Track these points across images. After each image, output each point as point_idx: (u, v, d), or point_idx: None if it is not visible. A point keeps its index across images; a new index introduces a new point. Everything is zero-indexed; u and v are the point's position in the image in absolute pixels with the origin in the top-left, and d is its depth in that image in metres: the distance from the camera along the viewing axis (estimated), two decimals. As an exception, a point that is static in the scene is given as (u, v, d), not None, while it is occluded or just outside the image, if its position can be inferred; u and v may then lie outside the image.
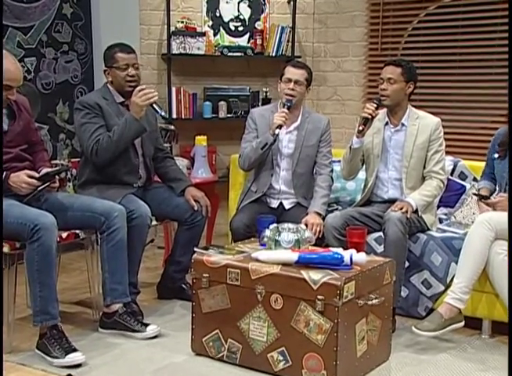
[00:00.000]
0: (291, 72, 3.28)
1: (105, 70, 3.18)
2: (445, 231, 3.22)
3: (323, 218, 3.18)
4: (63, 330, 2.66)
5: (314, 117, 3.39)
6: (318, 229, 3.10)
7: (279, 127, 3.19)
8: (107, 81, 3.20)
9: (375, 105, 3.11)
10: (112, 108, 3.14)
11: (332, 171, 3.41)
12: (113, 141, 3.02)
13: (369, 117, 3.09)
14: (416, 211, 3.07)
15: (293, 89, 3.26)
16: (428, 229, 3.17)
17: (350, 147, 3.19)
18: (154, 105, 3.09)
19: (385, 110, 3.24)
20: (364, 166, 3.35)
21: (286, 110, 3.24)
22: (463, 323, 2.83)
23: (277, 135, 3.20)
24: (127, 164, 3.16)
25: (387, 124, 3.25)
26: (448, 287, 2.96)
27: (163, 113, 3.13)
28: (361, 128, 3.11)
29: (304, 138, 3.33)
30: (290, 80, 3.27)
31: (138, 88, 3.04)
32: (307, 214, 3.22)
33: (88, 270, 3.15)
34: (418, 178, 3.21)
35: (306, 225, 3.13)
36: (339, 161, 3.45)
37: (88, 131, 3.05)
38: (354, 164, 3.27)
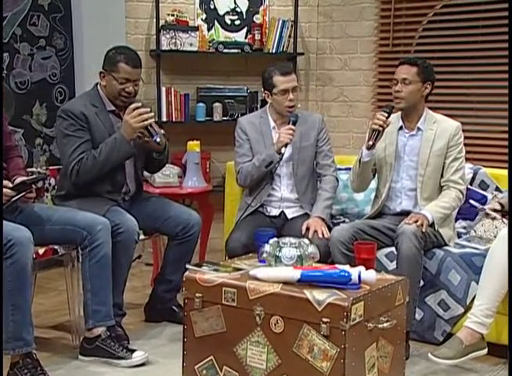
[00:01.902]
0: (284, 81, 3.29)
1: (101, 72, 3.15)
2: (464, 246, 3.23)
3: (328, 227, 3.20)
4: (37, 358, 2.67)
5: (306, 117, 3.43)
6: (322, 229, 3.13)
7: (286, 145, 3.23)
8: (99, 83, 3.19)
9: (386, 114, 3.13)
10: (101, 117, 3.13)
11: (335, 170, 3.46)
12: (99, 162, 3.02)
13: (380, 129, 3.11)
14: (432, 225, 3.09)
15: (293, 100, 3.30)
16: (445, 245, 3.19)
17: (359, 160, 3.22)
18: (149, 127, 3.04)
19: (399, 112, 3.27)
20: (377, 174, 3.38)
21: (292, 127, 3.28)
22: (485, 351, 2.83)
23: (283, 154, 3.25)
24: (111, 182, 3.17)
25: (401, 128, 3.28)
26: (468, 309, 2.97)
27: (158, 139, 3.05)
28: (371, 142, 3.13)
29: (299, 139, 3.37)
30: (286, 91, 3.29)
31: (133, 106, 3.01)
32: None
33: (67, 290, 3.16)
34: (434, 188, 3.22)
35: (307, 228, 3.16)
36: (346, 169, 3.47)
37: (71, 146, 3.05)
38: (364, 177, 3.29)
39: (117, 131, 3.07)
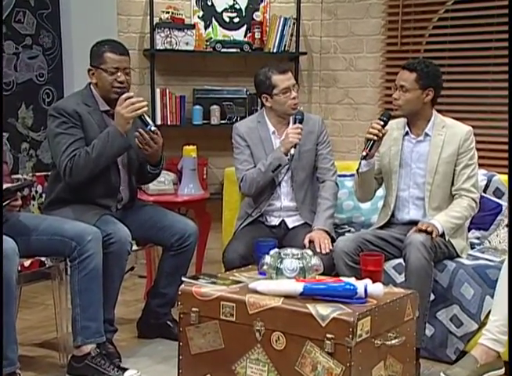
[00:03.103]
0: (284, 79, 3.32)
1: (89, 70, 3.18)
2: (477, 258, 3.23)
3: (332, 238, 3.21)
4: (22, 378, 2.67)
5: (307, 119, 3.44)
6: (326, 242, 3.14)
7: (295, 146, 3.24)
8: (91, 82, 3.21)
9: (382, 122, 3.13)
10: (94, 117, 3.15)
11: (335, 174, 3.46)
12: (92, 158, 3.02)
13: (375, 138, 3.12)
14: (442, 236, 3.09)
15: (295, 97, 3.32)
16: (458, 256, 3.19)
17: (357, 171, 3.23)
18: (142, 117, 3.08)
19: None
20: (383, 183, 3.39)
21: (300, 125, 3.29)
22: (502, 370, 2.83)
23: (293, 155, 3.25)
24: (105, 186, 3.17)
25: (407, 134, 3.29)
26: (482, 325, 2.97)
27: (153, 128, 3.10)
28: (365, 153, 3.14)
29: (300, 143, 3.37)
30: (288, 89, 3.31)
31: (124, 96, 3.04)
32: (311, 231, 3.26)
33: (54, 305, 3.16)
34: (444, 197, 3.23)
35: (310, 241, 3.16)
36: (351, 176, 3.48)
37: (63, 145, 3.06)
38: (367, 187, 3.31)
39: (110, 125, 3.08)
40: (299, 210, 3.41)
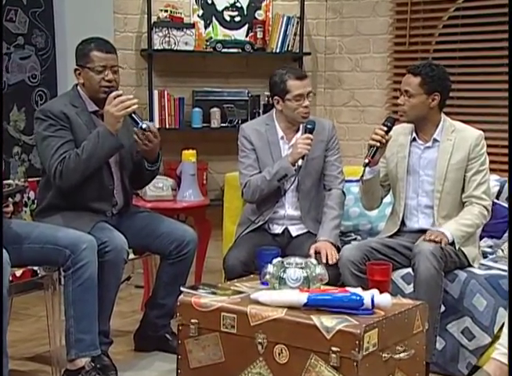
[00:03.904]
0: (300, 86, 3.30)
1: (76, 70, 3.20)
2: (490, 268, 3.23)
3: (338, 248, 3.21)
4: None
5: (317, 125, 3.43)
6: (332, 253, 3.14)
7: (303, 157, 3.24)
8: (78, 83, 3.22)
9: (385, 128, 3.14)
10: (83, 118, 3.15)
11: (342, 182, 3.46)
12: (82, 160, 3.02)
13: (378, 144, 3.12)
14: (452, 244, 3.09)
15: (307, 106, 3.31)
16: (469, 266, 3.19)
17: (362, 178, 3.23)
18: (133, 115, 3.10)
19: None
20: (391, 190, 3.39)
21: (310, 135, 3.28)
22: (518, 387, 2.82)
23: (300, 166, 3.25)
24: (98, 189, 3.17)
25: (414, 140, 3.29)
26: (496, 338, 2.96)
27: (144, 126, 3.11)
28: (367, 160, 3.14)
29: (308, 154, 3.36)
30: (301, 96, 3.30)
31: (113, 94, 3.05)
32: (316, 241, 3.26)
33: (47, 316, 3.15)
34: (454, 205, 3.23)
35: (316, 252, 3.16)
36: (357, 181, 3.48)
37: (52, 148, 3.06)
38: (372, 194, 3.31)
39: (100, 126, 3.09)
40: (303, 219, 3.41)
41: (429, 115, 3.22)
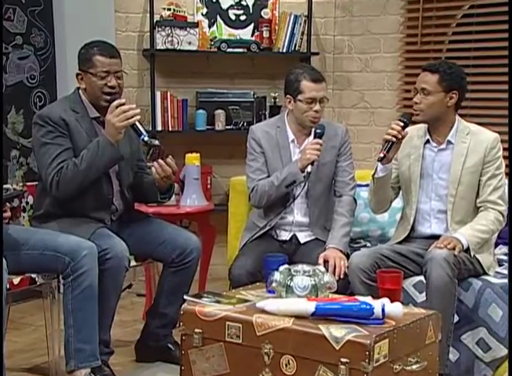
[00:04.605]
0: (313, 89, 3.29)
1: (78, 74, 3.19)
2: (506, 276, 3.21)
3: (347, 256, 3.21)
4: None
5: (329, 129, 3.43)
6: (341, 265, 3.14)
7: (312, 163, 3.24)
8: (79, 87, 3.22)
9: (402, 123, 3.14)
10: (83, 125, 3.15)
11: (354, 189, 3.46)
12: (81, 170, 3.03)
13: (394, 139, 3.13)
14: (466, 251, 3.09)
15: (318, 111, 3.30)
16: (484, 273, 3.18)
17: (373, 176, 3.23)
18: (135, 125, 3.07)
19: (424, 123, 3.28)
20: (401, 193, 3.39)
21: (320, 141, 3.27)
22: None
23: (309, 172, 3.24)
24: (97, 198, 3.18)
25: (428, 142, 3.29)
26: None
27: (146, 138, 3.08)
28: (382, 154, 3.14)
29: (317, 160, 3.36)
30: (314, 100, 3.30)
31: (115, 103, 3.04)
32: (325, 250, 3.26)
33: (45, 326, 3.16)
34: (468, 210, 3.23)
35: (325, 261, 3.16)
36: (366, 185, 3.48)
37: (49, 156, 3.06)
38: (383, 195, 3.30)
39: (100, 134, 3.09)
40: (310, 226, 3.41)
41: (445, 115, 3.22)
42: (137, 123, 3.07)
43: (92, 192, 3.15)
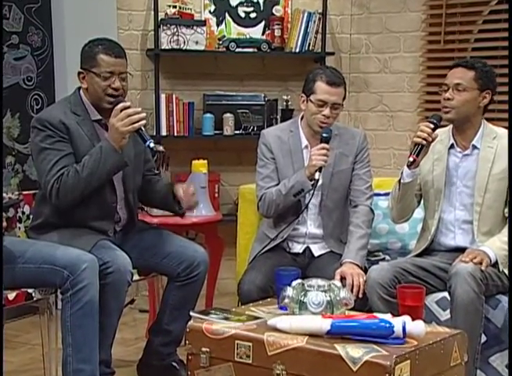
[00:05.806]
0: (326, 92, 3.28)
1: (80, 73, 3.19)
2: (537, 292, 3.21)
3: (364, 270, 3.20)
4: None
5: (346, 134, 3.42)
6: (360, 283, 3.13)
7: (320, 169, 3.23)
8: (80, 86, 3.23)
9: (432, 125, 3.13)
10: (84, 128, 3.15)
11: (371, 198, 3.44)
12: (82, 178, 3.03)
13: (424, 142, 3.12)
14: (495, 265, 3.07)
15: (329, 117, 3.30)
16: (513, 290, 3.17)
17: (399, 181, 3.22)
18: (141, 131, 3.07)
19: (449, 127, 3.27)
20: (422, 202, 3.37)
21: (326, 145, 3.26)
22: None
23: (317, 180, 3.24)
24: (100, 207, 3.18)
25: (452, 147, 3.28)
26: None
27: (151, 145, 3.08)
28: (412, 158, 3.13)
29: (334, 162, 3.35)
30: (325, 103, 3.30)
31: (120, 106, 3.03)
32: (341, 264, 3.24)
33: (42, 344, 3.16)
34: (496, 220, 3.21)
35: (342, 278, 3.15)
36: (385, 194, 3.48)
37: (49, 162, 3.06)
38: (406, 203, 3.29)
39: (103, 139, 3.10)
40: (325, 238, 3.40)
41: (474, 116, 3.22)
42: (142, 128, 3.07)
43: (95, 200, 3.14)
